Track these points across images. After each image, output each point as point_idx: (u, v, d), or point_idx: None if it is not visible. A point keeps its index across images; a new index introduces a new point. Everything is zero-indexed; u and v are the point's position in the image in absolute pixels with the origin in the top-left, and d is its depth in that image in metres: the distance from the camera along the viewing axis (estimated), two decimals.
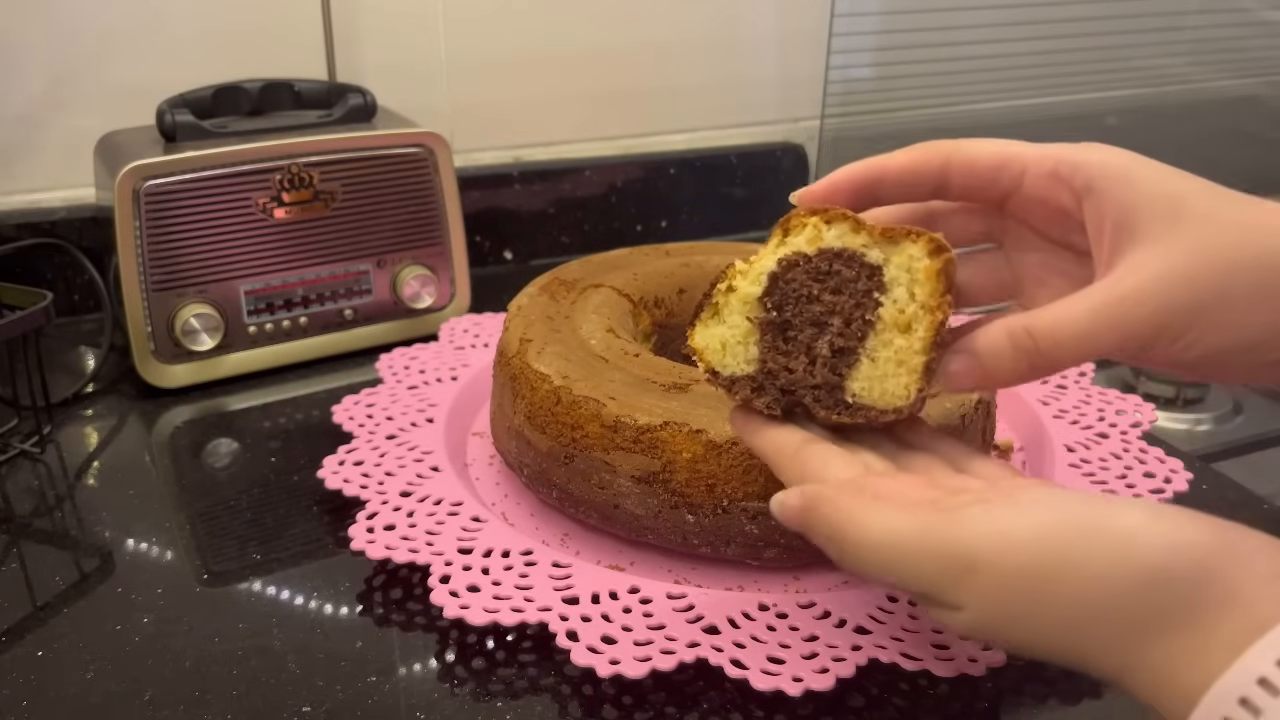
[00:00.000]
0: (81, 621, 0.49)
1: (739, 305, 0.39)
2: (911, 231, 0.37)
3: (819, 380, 0.38)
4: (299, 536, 0.56)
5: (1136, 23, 1.24)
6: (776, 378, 0.39)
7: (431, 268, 0.79)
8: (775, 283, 0.39)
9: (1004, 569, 0.31)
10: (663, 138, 1.03)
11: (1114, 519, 0.30)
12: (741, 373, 0.40)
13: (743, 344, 0.40)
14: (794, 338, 0.39)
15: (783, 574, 0.51)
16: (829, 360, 0.38)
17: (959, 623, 0.32)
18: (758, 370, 0.39)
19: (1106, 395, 0.65)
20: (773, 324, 0.39)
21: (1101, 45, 1.23)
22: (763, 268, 0.39)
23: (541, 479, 0.54)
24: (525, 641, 0.47)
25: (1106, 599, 0.29)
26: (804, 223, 0.38)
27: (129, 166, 0.67)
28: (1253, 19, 1.33)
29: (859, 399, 0.38)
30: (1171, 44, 1.29)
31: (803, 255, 0.38)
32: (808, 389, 0.39)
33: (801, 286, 0.38)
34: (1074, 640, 0.31)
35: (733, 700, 0.44)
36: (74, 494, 0.61)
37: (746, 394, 0.40)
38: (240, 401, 0.71)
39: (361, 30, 0.89)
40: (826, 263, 0.38)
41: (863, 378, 0.38)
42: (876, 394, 0.38)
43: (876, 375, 0.38)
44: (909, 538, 0.33)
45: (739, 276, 0.39)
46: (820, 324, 0.38)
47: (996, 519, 0.31)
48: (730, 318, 0.40)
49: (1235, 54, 1.33)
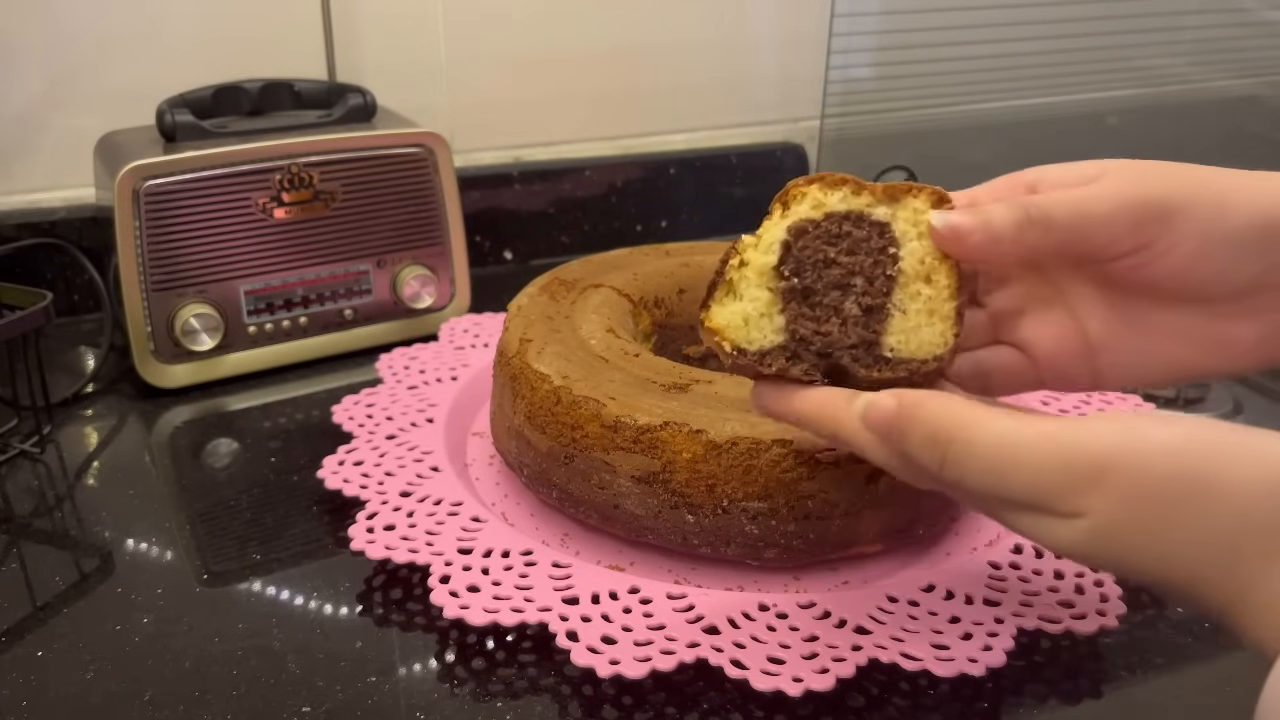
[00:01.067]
0: (81, 621, 0.49)
1: (756, 277, 0.38)
2: (912, 187, 0.37)
3: (855, 339, 0.38)
4: (299, 536, 0.56)
5: (1137, 23, 1.24)
6: (811, 343, 0.38)
7: (431, 268, 0.79)
8: (789, 251, 0.38)
9: (1138, 475, 0.30)
10: (663, 138, 1.03)
11: (1251, 436, 0.30)
12: (771, 344, 0.38)
13: (767, 315, 0.38)
14: (819, 302, 0.38)
15: (783, 574, 0.51)
16: (861, 319, 0.38)
17: (1070, 536, 0.31)
18: (789, 339, 0.38)
19: (1107, 396, 0.65)
20: (795, 291, 0.38)
21: (1101, 45, 1.22)
22: (774, 237, 0.38)
23: (541, 479, 0.54)
24: (525, 641, 0.47)
25: (1242, 512, 0.29)
26: (803, 192, 0.39)
27: (129, 166, 0.67)
28: (1253, 19, 1.33)
29: (898, 353, 0.38)
30: (1172, 44, 1.29)
31: (811, 221, 0.38)
32: (845, 349, 0.38)
33: (816, 251, 0.38)
34: (1196, 557, 0.30)
35: (733, 700, 0.44)
36: (74, 494, 0.61)
37: (782, 364, 0.38)
38: (240, 401, 0.71)
39: (361, 30, 0.89)
40: (836, 225, 0.38)
41: (897, 331, 0.38)
42: (914, 345, 0.38)
43: (910, 327, 0.37)
44: (1029, 440, 0.32)
45: (750, 250, 0.39)
46: (843, 286, 0.38)
47: (1130, 427, 0.31)
48: (748, 291, 0.38)
49: (1235, 54, 1.33)
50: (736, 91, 1.05)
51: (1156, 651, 0.47)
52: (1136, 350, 0.38)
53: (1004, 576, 0.48)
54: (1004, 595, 0.47)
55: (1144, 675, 0.46)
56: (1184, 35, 1.29)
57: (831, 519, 0.49)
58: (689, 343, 0.66)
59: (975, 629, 0.45)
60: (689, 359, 0.65)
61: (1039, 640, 0.47)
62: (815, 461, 0.48)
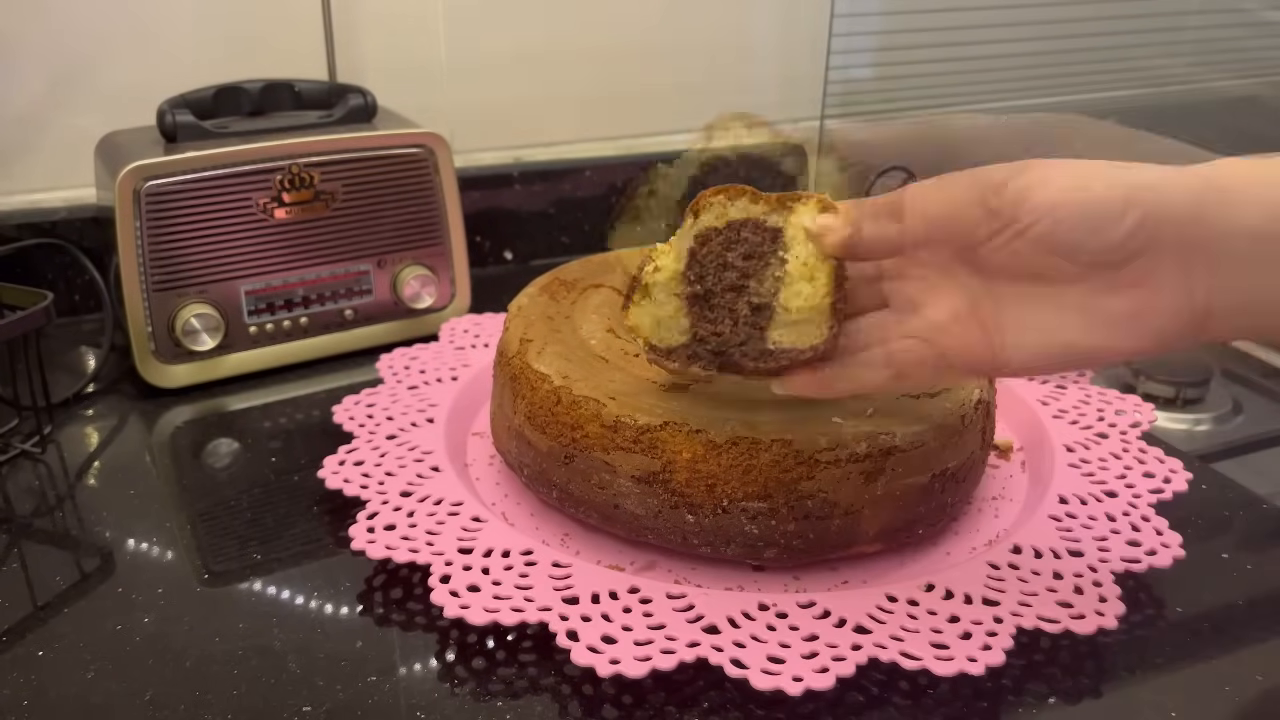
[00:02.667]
0: (82, 621, 0.49)
1: (666, 283, 0.44)
2: (802, 195, 0.42)
3: (744, 337, 0.43)
4: (299, 536, 0.56)
5: (1137, 23, 1.24)
6: (707, 342, 0.44)
7: (432, 268, 0.79)
8: (694, 257, 0.44)
9: None
10: (663, 138, 1.03)
11: None
12: (676, 343, 0.45)
13: (674, 318, 0.44)
14: (716, 304, 0.43)
15: (783, 574, 0.51)
16: (749, 318, 0.43)
17: None
18: (691, 339, 0.44)
19: (1106, 395, 0.65)
20: (697, 296, 0.44)
21: (1101, 45, 1.22)
22: (682, 247, 0.44)
23: (541, 479, 0.54)
24: (525, 641, 0.47)
25: None
26: (710, 202, 0.43)
27: (130, 167, 0.67)
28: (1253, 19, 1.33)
29: (780, 345, 0.42)
30: (1172, 44, 1.29)
31: (714, 229, 0.43)
32: (735, 346, 0.43)
33: (717, 257, 0.43)
34: None
35: (733, 700, 0.44)
36: (74, 494, 0.61)
37: (683, 360, 0.44)
38: (240, 401, 0.71)
39: (361, 30, 0.89)
40: (735, 232, 0.43)
41: (780, 325, 0.42)
42: (794, 337, 0.42)
43: (791, 321, 0.42)
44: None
45: (662, 256, 0.44)
46: (737, 288, 0.43)
47: None
48: (659, 295, 0.44)
49: (1235, 54, 1.33)
50: (736, 91, 1.05)
51: (1156, 651, 0.47)
52: (1029, 327, 0.39)
53: (1003, 576, 0.48)
54: (1003, 595, 0.47)
55: (1144, 675, 0.46)
56: (1184, 35, 1.29)
57: (831, 519, 0.49)
58: None
59: (974, 628, 0.45)
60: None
61: (1038, 640, 0.47)
62: (815, 461, 0.48)
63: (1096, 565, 0.49)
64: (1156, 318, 0.37)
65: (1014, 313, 0.40)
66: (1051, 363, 0.40)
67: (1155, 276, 0.37)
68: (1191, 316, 0.37)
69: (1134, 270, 0.37)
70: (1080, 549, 0.50)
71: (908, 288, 0.43)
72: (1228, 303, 0.37)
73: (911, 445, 0.49)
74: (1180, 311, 0.37)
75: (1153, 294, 0.37)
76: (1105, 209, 0.36)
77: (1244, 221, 0.35)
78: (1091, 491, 0.55)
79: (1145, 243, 0.36)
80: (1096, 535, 0.51)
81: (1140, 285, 0.37)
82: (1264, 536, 0.57)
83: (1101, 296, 0.38)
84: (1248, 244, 0.36)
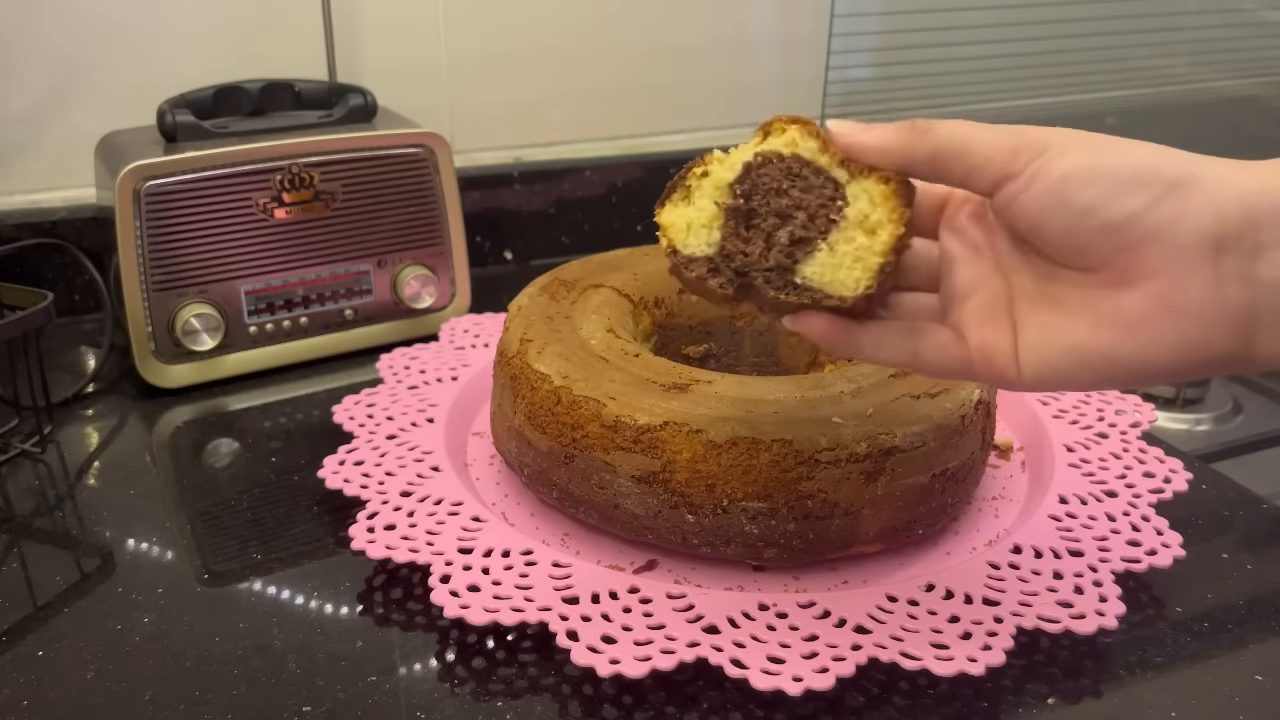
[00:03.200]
0: (82, 621, 0.49)
1: (710, 190, 0.42)
2: (867, 168, 0.40)
3: (772, 263, 0.40)
4: (299, 536, 0.56)
5: (1136, 23, 1.24)
6: (732, 259, 0.41)
7: (432, 268, 0.79)
8: (748, 172, 0.41)
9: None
10: (663, 138, 1.04)
11: None
12: (700, 253, 0.42)
13: (706, 227, 0.42)
14: (756, 225, 0.41)
15: (783, 574, 0.51)
16: (786, 248, 0.40)
17: None
18: (716, 253, 0.41)
19: (1106, 395, 0.65)
20: (738, 211, 0.41)
21: (1101, 45, 1.23)
22: (740, 157, 0.41)
23: (541, 479, 0.54)
24: (525, 641, 0.47)
25: None
26: (784, 128, 0.41)
27: (129, 166, 0.67)
28: (1252, 19, 1.33)
29: (808, 281, 0.40)
30: (1171, 44, 1.29)
31: (778, 154, 0.41)
32: (760, 271, 0.41)
33: (773, 180, 0.41)
34: None
35: (733, 700, 0.44)
36: (74, 494, 0.61)
37: (702, 273, 0.42)
38: (240, 401, 0.71)
39: (361, 30, 0.89)
40: (799, 166, 0.41)
41: (817, 264, 0.40)
42: (827, 279, 0.40)
43: (832, 264, 0.40)
44: None
45: (716, 163, 0.42)
46: (785, 215, 0.41)
47: None
48: (699, 200, 0.42)
49: (1235, 54, 1.33)
50: (736, 91, 1.05)
51: (1156, 651, 0.47)
52: (1048, 324, 0.37)
53: (1003, 576, 0.48)
54: (1003, 595, 0.47)
55: (1144, 675, 0.46)
56: (1184, 35, 1.29)
57: (831, 519, 0.49)
58: (689, 343, 0.66)
59: (975, 628, 0.45)
60: (689, 359, 0.65)
61: (1038, 640, 0.47)
62: (815, 461, 0.48)
63: (1096, 565, 0.49)
64: (1178, 319, 0.34)
65: (1036, 316, 0.38)
66: (1064, 368, 0.37)
67: (1174, 267, 0.33)
68: (1227, 321, 0.33)
69: (1151, 256, 0.34)
70: (1080, 549, 0.50)
71: (963, 274, 0.40)
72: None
73: (911, 445, 0.49)
74: (1208, 313, 0.33)
75: (1172, 287, 0.33)
76: (1129, 173, 0.34)
77: None
78: (1091, 491, 0.55)
79: (1166, 222, 0.33)
80: (1096, 535, 0.51)
81: (1156, 277, 0.34)
82: (1264, 536, 0.57)
83: (1113, 291, 0.35)
84: None
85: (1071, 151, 0.35)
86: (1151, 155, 0.35)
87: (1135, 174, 0.34)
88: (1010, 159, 0.36)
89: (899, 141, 0.38)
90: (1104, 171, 0.34)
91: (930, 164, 0.38)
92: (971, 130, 0.37)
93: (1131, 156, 0.35)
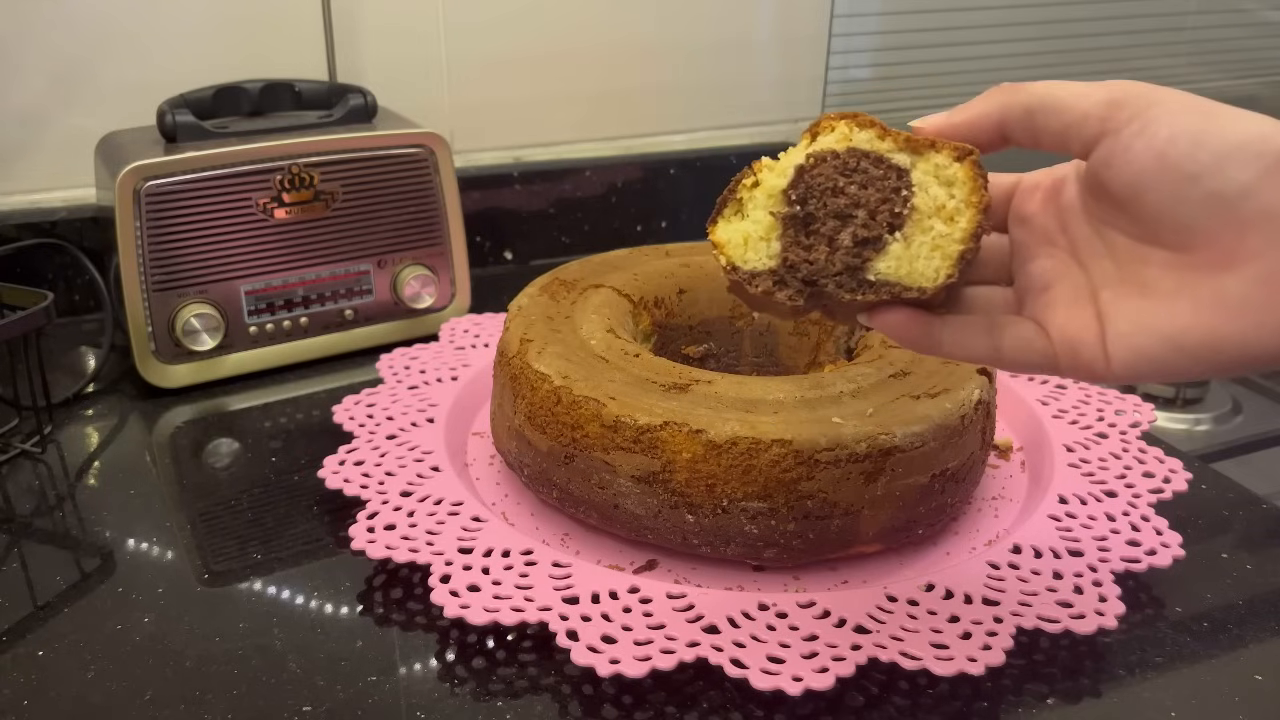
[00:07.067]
0: (82, 621, 0.49)
1: (763, 199, 0.40)
2: (933, 142, 0.38)
3: (841, 266, 0.38)
4: (299, 536, 0.56)
5: (1136, 23, 1.25)
6: (798, 270, 0.39)
7: (432, 268, 0.79)
8: (801, 176, 0.39)
9: None
10: (663, 138, 1.03)
11: None
12: (763, 267, 0.40)
13: (765, 239, 0.40)
14: (817, 230, 0.39)
15: (783, 574, 0.51)
16: (850, 248, 0.38)
17: None
18: (779, 265, 0.39)
19: (1106, 395, 0.65)
20: (795, 218, 0.39)
21: (1102, 45, 1.23)
22: (790, 161, 0.40)
23: (541, 479, 0.54)
24: (525, 641, 0.47)
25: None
26: (834, 125, 0.39)
27: (130, 167, 0.67)
28: (1253, 19, 1.33)
29: (883, 277, 0.38)
30: (1171, 44, 1.29)
31: (831, 152, 0.39)
32: (830, 277, 0.39)
33: (828, 180, 0.39)
34: None
35: (733, 700, 0.44)
36: (74, 494, 0.61)
37: (768, 287, 0.40)
38: (240, 401, 0.71)
39: (361, 30, 0.89)
40: (855, 160, 0.39)
41: (891, 258, 0.38)
42: (904, 272, 0.38)
43: (908, 256, 0.38)
44: None
45: (765, 170, 0.40)
46: (844, 216, 0.38)
47: None
48: (754, 213, 0.40)
49: (1235, 54, 1.33)
50: (736, 91, 1.05)
51: (1156, 651, 0.47)
52: (1139, 310, 0.35)
53: (1003, 576, 0.48)
54: (1003, 595, 0.47)
55: (1143, 675, 0.46)
56: (1184, 35, 1.29)
57: (831, 519, 0.49)
58: (689, 343, 0.66)
59: (974, 628, 0.45)
60: (689, 359, 0.65)
61: (1038, 639, 0.47)
62: (815, 461, 0.48)
63: (1096, 565, 0.49)
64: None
65: (1125, 304, 0.36)
66: (1161, 356, 0.34)
67: None
68: None
69: (1258, 235, 0.32)
70: (1080, 549, 0.50)
71: (1039, 266, 0.39)
72: None
73: (911, 445, 0.49)
74: None
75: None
76: (1238, 139, 0.32)
77: None
78: (1091, 491, 0.55)
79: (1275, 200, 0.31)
80: (1096, 535, 0.52)
81: (1263, 257, 0.32)
82: (1264, 536, 0.57)
83: (1212, 273, 0.33)
84: None
85: (1178, 111, 0.33)
86: (1265, 124, 0.32)
87: (1244, 140, 0.32)
88: (1111, 112, 0.34)
89: (992, 104, 0.36)
90: (1213, 134, 0.32)
91: (1025, 121, 0.36)
92: (1066, 84, 0.35)
93: (1241, 120, 0.32)
